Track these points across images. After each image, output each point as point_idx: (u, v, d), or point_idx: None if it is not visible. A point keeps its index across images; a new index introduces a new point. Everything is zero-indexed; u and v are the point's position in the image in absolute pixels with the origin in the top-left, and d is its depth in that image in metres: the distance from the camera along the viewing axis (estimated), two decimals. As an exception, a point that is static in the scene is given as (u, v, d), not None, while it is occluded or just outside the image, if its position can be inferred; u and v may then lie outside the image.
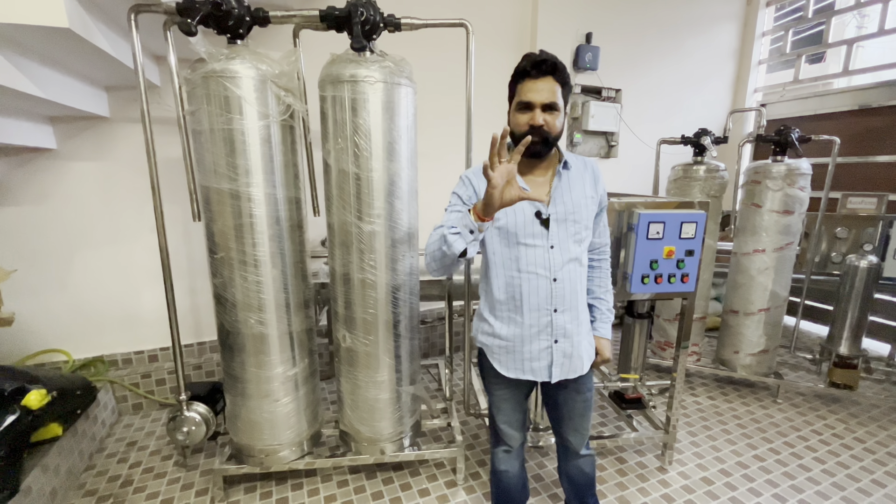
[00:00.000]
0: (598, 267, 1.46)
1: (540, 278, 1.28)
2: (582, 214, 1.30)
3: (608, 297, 1.48)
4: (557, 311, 1.30)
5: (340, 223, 1.69)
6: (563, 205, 1.28)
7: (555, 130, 1.23)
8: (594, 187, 1.34)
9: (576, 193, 1.30)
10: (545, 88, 1.20)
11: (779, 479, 2.03)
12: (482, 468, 2.08)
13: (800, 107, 3.93)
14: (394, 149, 1.64)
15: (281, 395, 1.79)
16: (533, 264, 1.28)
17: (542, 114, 1.21)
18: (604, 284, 1.47)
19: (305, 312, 1.84)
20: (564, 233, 1.29)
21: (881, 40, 3.58)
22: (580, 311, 1.35)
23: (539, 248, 1.28)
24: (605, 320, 1.47)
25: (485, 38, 3.02)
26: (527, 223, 1.27)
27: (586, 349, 1.38)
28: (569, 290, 1.30)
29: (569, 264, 1.29)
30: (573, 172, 1.32)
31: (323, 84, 1.60)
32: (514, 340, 1.34)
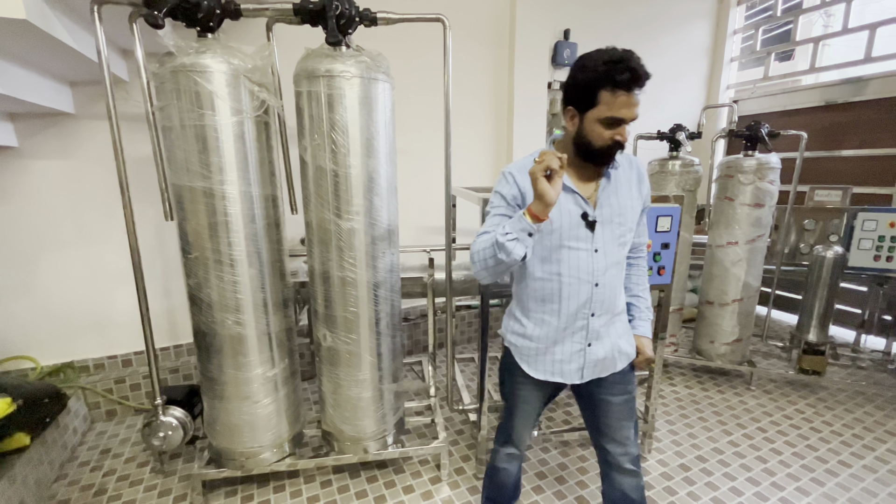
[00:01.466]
0: (636, 265, 1.42)
1: (581, 283, 1.23)
2: (627, 217, 1.24)
3: (646, 295, 1.43)
4: (595, 316, 1.26)
5: (319, 221, 1.67)
6: (610, 207, 1.22)
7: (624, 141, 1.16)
8: (639, 187, 1.28)
9: (622, 195, 1.24)
10: (637, 103, 1.12)
11: (752, 462, 2.10)
12: (466, 463, 2.09)
13: (770, 103, 4.06)
14: (372, 145, 1.62)
15: (261, 396, 1.76)
16: (575, 268, 1.22)
17: (622, 127, 1.13)
18: (642, 283, 1.42)
19: (284, 312, 1.81)
20: (609, 235, 1.23)
21: (845, 38, 3.72)
22: (616, 313, 1.31)
23: (583, 251, 1.22)
24: (645, 318, 1.42)
25: (463, 34, 3.01)
26: (572, 225, 1.20)
27: (622, 349, 1.32)
28: (608, 295, 1.26)
29: (611, 268, 1.24)
30: (620, 173, 1.25)
31: (298, 79, 1.57)
32: (546, 342, 1.30)
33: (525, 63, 3.16)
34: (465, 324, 3.44)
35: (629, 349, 1.35)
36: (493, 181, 3.37)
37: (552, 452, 2.17)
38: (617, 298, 1.29)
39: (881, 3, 4.10)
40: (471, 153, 3.25)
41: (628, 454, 1.36)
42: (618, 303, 1.30)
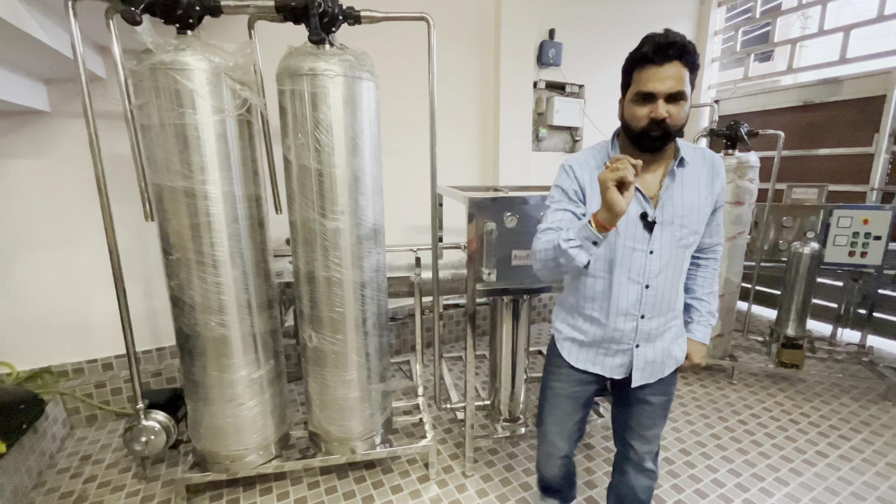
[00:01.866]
0: (703, 266, 1.33)
1: (631, 283, 1.18)
2: (692, 219, 1.16)
3: (711, 300, 1.34)
4: (645, 318, 1.21)
5: (303, 220, 1.66)
6: (672, 207, 1.15)
7: (679, 123, 1.07)
8: (710, 186, 1.18)
9: (688, 194, 1.16)
10: (671, 76, 1.03)
11: (734, 455, 2.15)
12: (454, 462, 2.09)
13: (750, 103, 4.14)
14: (356, 144, 1.61)
15: (246, 398, 1.74)
16: (627, 268, 1.18)
17: (666, 105, 1.05)
18: (707, 286, 1.33)
19: (269, 313, 1.79)
20: (668, 238, 1.16)
21: (822, 40, 3.82)
22: (670, 317, 1.25)
23: (637, 251, 1.16)
24: (704, 324, 1.33)
25: (448, 33, 3.01)
26: (629, 224, 1.15)
27: (672, 353, 1.27)
28: (660, 298, 1.20)
29: (666, 271, 1.18)
30: (689, 170, 1.17)
31: (281, 77, 1.56)
32: (593, 337, 1.27)
33: (511, 62, 3.17)
34: (454, 322, 3.44)
35: (680, 354, 1.29)
36: (479, 180, 3.39)
37: (539, 449, 2.18)
38: (672, 302, 1.23)
39: (855, 6, 4.22)
40: (457, 152, 3.26)
41: (651, 452, 1.36)
42: (674, 307, 1.25)
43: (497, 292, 1.82)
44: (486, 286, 1.80)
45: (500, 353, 2.09)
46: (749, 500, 1.86)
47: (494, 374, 2.14)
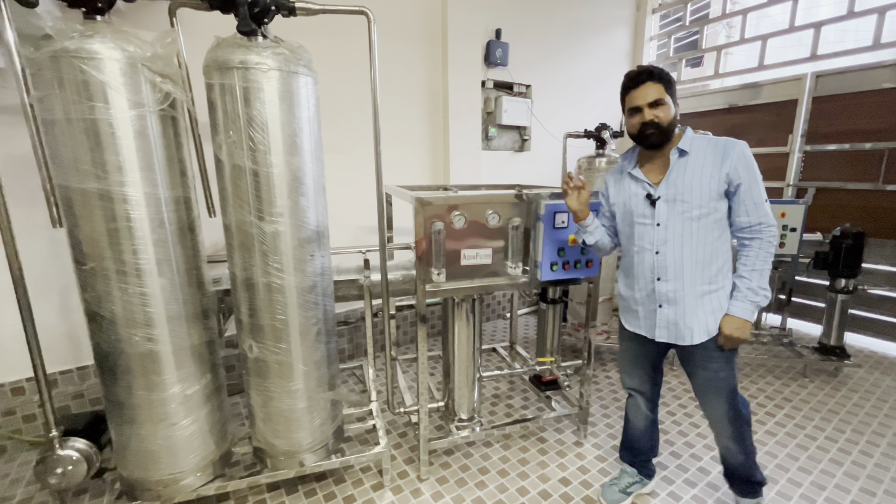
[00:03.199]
0: (747, 245, 1.46)
1: (645, 251, 1.53)
2: (693, 194, 1.43)
3: (752, 277, 1.44)
4: (660, 280, 1.51)
5: (238, 224, 1.55)
6: (674, 187, 1.45)
7: (664, 121, 1.42)
8: (718, 166, 1.40)
9: (689, 176, 1.44)
10: (647, 92, 1.42)
11: (674, 437, 2.27)
12: (409, 466, 2.06)
13: (683, 105, 4.38)
14: (295, 142, 1.54)
15: (180, 417, 1.61)
16: (640, 238, 1.54)
17: (651, 110, 1.42)
18: (749, 263, 1.44)
19: (204, 323, 1.67)
20: (673, 212, 1.46)
21: (744, 48, 4.14)
22: (688, 283, 1.47)
23: (647, 225, 1.52)
24: (741, 298, 1.45)
25: (394, 31, 2.96)
26: (639, 205, 1.53)
27: (700, 320, 1.47)
28: (671, 262, 1.48)
29: (674, 239, 1.47)
30: (692, 157, 1.45)
31: (208, 70, 1.45)
32: (630, 301, 1.64)
33: (458, 61, 3.17)
34: (408, 324, 3.40)
35: (710, 325, 1.47)
36: (431, 179, 3.36)
37: (494, 447, 2.20)
38: (687, 268, 1.47)
39: (772, 18, 4.61)
40: (408, 152, 3.21)
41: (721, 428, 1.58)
42: (699, 275, 1.46)
43: (447, 293, 1.80)
44: (435, 287, 1.77)
45: (452, 353, 2.08)
46: (689, 479, 1.97)
47: (448, 375, 2.13)
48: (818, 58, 3.53)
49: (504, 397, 2.65)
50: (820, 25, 3.52)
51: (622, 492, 1.84)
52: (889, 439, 2.23)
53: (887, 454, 2.12)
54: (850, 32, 6.76)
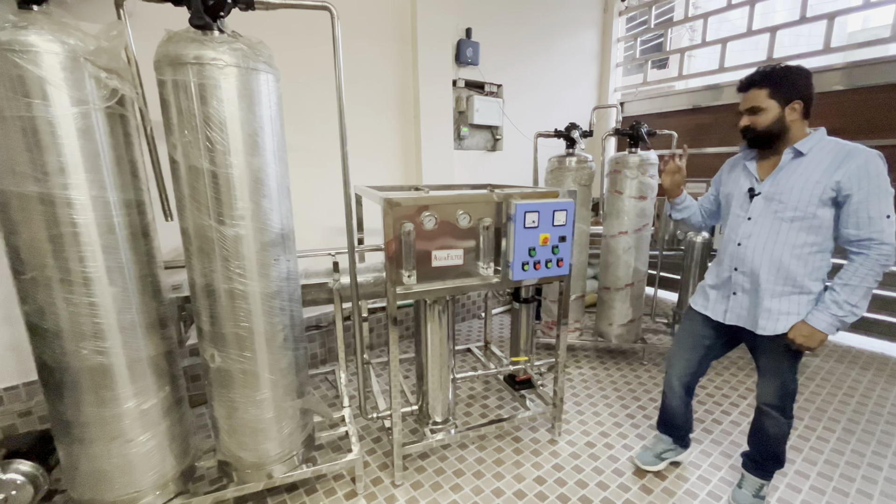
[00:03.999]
0: (852, 260, 1.43)
1: (730, 241, 1.66)
2: (792, 196, 1.47)
3: (842, 291, 1.43)
4: (737, 271, 1.63)
5: (197, 228, 1.48)
6: (775, 186, 1.52)
7: (759, 126, 1.52)
8: (829, 173, 1.41)
9: (795, 178, 1.48)
10: (747, 99, 1.54)
11: (646, 432, 2.32)
12: (384, 472, 2.02)
13: (649, 105, 4.53)
14: (255, 142, 1.47)
15: (136, 433, 1.51)
16: (731, 229, 1.66)
17: (748, 116, 1.54)
18: (845, 277, 1.44)
19: (162, 333, 1.58)
20: (766, 209, 1.54)
21: (706, 50, 4.28)
22: (764, 279, 1.54)
23: (740, 217, 1.62)
24: (821, 308, 1.47)
25: (362, 28, 2.91)
26: (739, 195, 1.64)
27: (772, 317, 1.54)
28: (749, 257, 1.58)
29: (758, 235, 1.56)
30: (808, 159, 1.48)
31: (160, 66, 1.37)
32: (707, 283, 1.77)
33: (428, 60, 3.14)
34: (382, 326, 3.35)
35: (780, 325, 1.53)
36: (402, 179, 3.32)
37: (470, 448, 2.19)
38: (771, 268, 1.53)
39: (732, 22, 4.78)
40: (379, 151, 3.16)
41: (765, 399, 1.68)
42: (783, 276, 1.52)
43: (418, 295, 1.78)
44: (406, 289, 1.74)
45: (426, 356, 2.05)
46: (661, 472, 2.01)
47: (421, 378, 2.10)
48: (774, 60, 3.69)
49: (479, 398, 2.65)
50: (775, 30, 3.68)
51: (656, 457, 2.00)
52: (844, 424, 2.34)
53: (842, 439, 2.23)
54: (803, 37, 7.11)
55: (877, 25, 12.46)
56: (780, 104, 1.48)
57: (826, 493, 1.87)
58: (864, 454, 2.11)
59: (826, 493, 1.87)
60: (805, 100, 1.48)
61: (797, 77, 1.48)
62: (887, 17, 3.10)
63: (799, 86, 1.47)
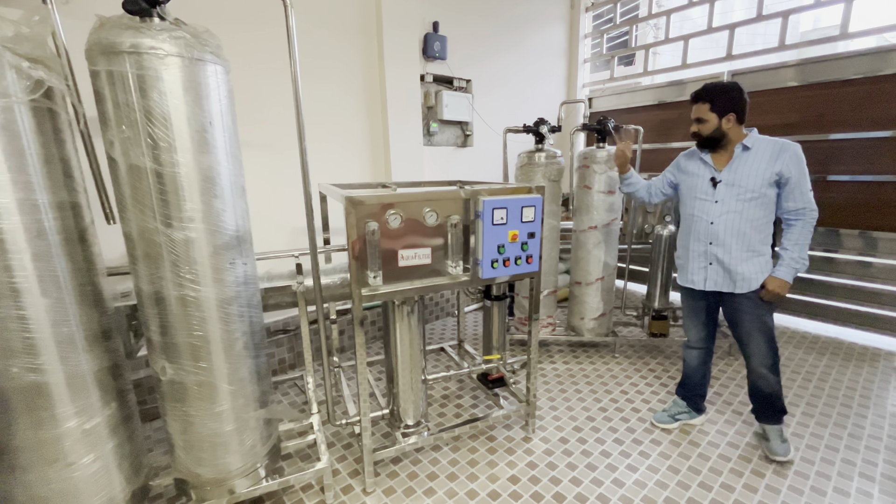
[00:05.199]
0: (791, 224, 1.87)
1: (702, 221, 1.98)
2: (748, 181, 1.86)
3: (793, 249, 1.86)
4: (712, 245, 1.96)
5: (141, 231, 1.37)
6: (734, 174, 1.89)
7: (703, 132, 1.94)
8: (771, 162, 1.82)
9: (747, 166, 1.87)
10: (695, 110, 1.95)
11: (617, 424, 2.34)
12: (355, 479, 1.96)
13: (616, 101, 4.59)
14: (204, 138, 1.38)
15: (79, 455, 1.40)
16: (700, 211, 1.99)
17: (696, 125, 1.96)
18: (793, 238, 1.86)
19: (105, 345, 1.46)
20: (729, 193, 1.90)
21: (669, 47, 4.36)
22: (735, 248, 1.91)
23: (707, 201, 1.97)
24: (784, 265, 1.87)
25: (325, 20, 2.81)
26: (702, 183, 1.99)
27: (744, 276, 1.91)
28: (721, 231, 1.93)
29: (728, 214, 1.90)
30: (753, 152, 1.87)
31: (92, 55, 1.26)
32: (685, 259, 2.09)
33: (395, 54, 3.07)
34: (353, 328, 3.26)
35: (751, 278, 1.91)
36: (371, 176, 3.24)
37: (444, 450, 2.15)
38: (735, 237, 1.90)
39: (693, 21, 4.90)
40: (346, 147, 3.07)
41: (759, 362, 1.99)
42: (746, 243, 1.90)
43: (385, 296, 1.72)
44: (372, 290, 1.68)
45: (395, 358, 1.99)
46: (631, 465, 2.03)
47: (392, 380, 2.04)
48: (733, 57, 3.79)
49: (453, 397, 2.61)
50: (734, 27, 3.78)
51: (671, 417, 2.31)
52: (803, 409, 2.44)
53: (802, 423, 2.31)
54: (760, 36, 7.38)
55: (826, 25, 13.06)
56: (718, 116, 1.88)
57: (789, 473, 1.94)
58: (823, 436, 2.20)
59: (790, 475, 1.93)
60: (738, 111, 1.88)
61: (731, 93, 1.87)
62: (836, 17, 3.23)
63: (733, 100, 1.87)
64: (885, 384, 2.67)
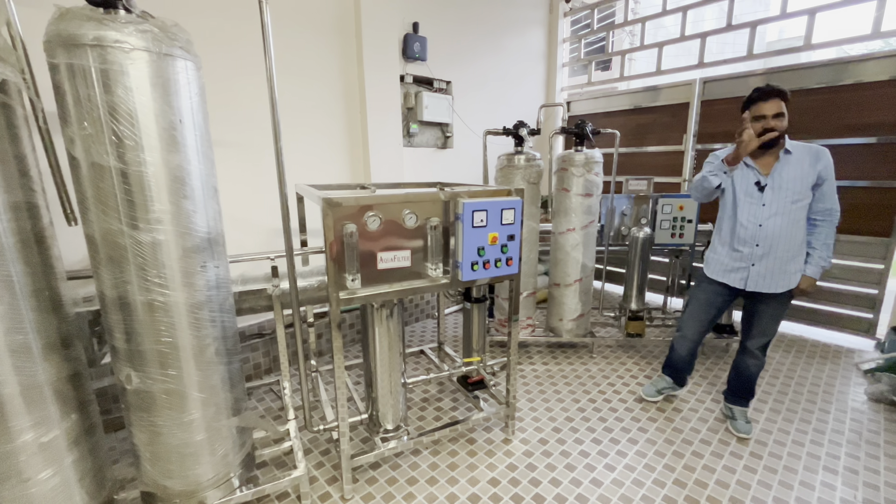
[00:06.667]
0: (818, 226, 2.00)
1: (750, 224, 2.02)
2: (794, 184, 1.93)
3: (822, 249, 1.99)
4: (758, 246, 2.01)
5: (104, 233, 1.31)
6: (780, 178, 1.95)
7: (782, 128, 1.89)
8: (812, 166, 1.91)
9: (790, 170, 1.93)
10: (769, 107, 1.89)
11: (595, 424, 2.37)
12: (332, 486, 1.92)
13: (594, 105, 4.67)
14: (173, 137, 1.32)
15: (36, 470, 1.32)
16: (746, 213, 2.03)
17: (774, 120, 1.88)
18: (820, 239, 1.99)
19: (65, 354, 1.39)
20: (777, 196, 1.95)
21: (644, 54, 4.47)
22: (780, 249, 1.98)
23: (754, 204, 2.01)
24: (813, 264, 2.00)
25: (304, 18, 2.76)
26: (749, 187, 2.01)
27: (786, 277, 2.00)
28: (769, 234, 1.98)
29: (776, 217, 1.97)
30: (794, 157, 1.94)
31: (51, 47, 1.19)
32: (724, 257, 2.13)
33: (374, 54, 3.03)
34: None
35: (793, 280, 2.01)
36: (350, 177, 3.20)
37: (423, 454, 2.13)
38: (786, 241, 1.97)
39: (667, 29, 5.04)
40: (325, 148, 3.01)
41: (759, 344, 2.15)
42: (790, 246, 1.98)
43: (363, 299, 1.69)
44: (350, 294, 1.65)
45: (374, 362, 1.96)
46: (609, 464, 2.06)
47: (370, 384, 2.01)
48: (705, 65, 3.92)
49: (433, 401, 2.60)
50: (705, 35, 3.90)
51: (657, 391, 2.53)
52: (771, 405, 2.52)
53: (770, 419, 2.39)
54: (729, 45, 7.65)
55: (791, 36, 13.62)
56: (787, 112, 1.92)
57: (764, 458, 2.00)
58: (790, 432, 2.28)
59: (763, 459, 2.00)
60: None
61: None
62: (800, 29, 3.37)
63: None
64: (847, 380, 2.79)
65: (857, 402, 2.54)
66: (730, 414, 2.33)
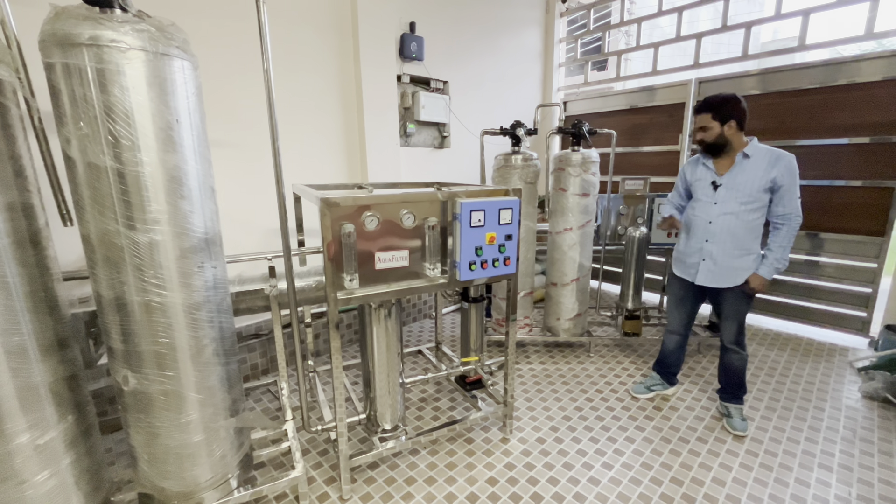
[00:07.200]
0: (778, 229, 2.06)
1: (702, 220, 2.18)
2: (745, 187, 2.04)
3: (777, 251, 2.06)
4: (708, 242, 2.16)
5: (100, 234, 1.30)
6: (733, 179, 2.07)
7: (707, 139, 2.10)
8: (767, 171, 2.00)
9: (745, 173, 2.04)
10: (699, 120, 2.12)
11: (593, 423, 2.38)
12: (331, 486, 1.92)
13: (590, 105, 4.68)
14: (170, 137, 1.32)
15: (32, 471, 1.31)
16: (700, 211, 2.19)
17: (700, 133, 2.12)
18: (777, 241, 2.06)
19: (61, 355, 1.38)
20: (728, 196, 2.08)
21: (640, 54, 4.49)
22: (728, 246, 2.11)
23: (707, 203, 2.16)
24: (767, 265, 2.07)
25: (301, 18, 2.75)
26: (704, 186, 2.18)
27: (733, 272, 2.12)
28: (718, 231, 2.12)
29: (725, 216, 2.10)
30: (752, 161, 2.04)
31: (46, 47, 1.18)
32: (683, 254, 2.31)
33: (371, 54, 3.03)
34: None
35: (738, 274, 2.12)
36: (347, 177, 3.19)
37: (422, 454, 2.13)
38: (735, 239, 2.09)
39: (662, 29, 5.05)
40: (321, 148, 3.01)
41: (729, 339, 2.25)
42: (739, 244, 2.10)
43: (361, 299, 1.69)
44: (348, 294, 1.65)
45: (372, 362, 1.96)
46: (606, 462, 2.07)
47: (368, 385, 2.01)
48: (700, 65, 3.94)
49: (431, 400, 2.60)
50: (701, 36, 3.92)
51: (647, 388, 2.60)
52: (766, 403, 2.54)
53: (766, 417, 2.41)
54: (724, 45, 7.68)
55: (785, 37, 13.73)
56: (720, 124, 2.05)
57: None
58: (785, 429, 2.30)
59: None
60: (738, 119, 2.04)
61: (730, 103, 2.04)
62: (794, 29, 3.40)
63: (732, 109, 2.03)
64: (841, 378, 2.82)
65: (851, 400, 2.57)
66: (725, 412, 2.36)
